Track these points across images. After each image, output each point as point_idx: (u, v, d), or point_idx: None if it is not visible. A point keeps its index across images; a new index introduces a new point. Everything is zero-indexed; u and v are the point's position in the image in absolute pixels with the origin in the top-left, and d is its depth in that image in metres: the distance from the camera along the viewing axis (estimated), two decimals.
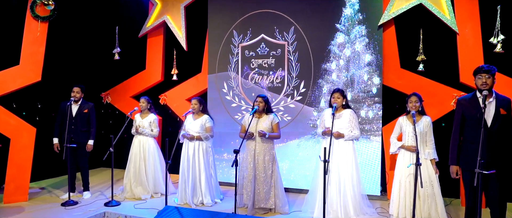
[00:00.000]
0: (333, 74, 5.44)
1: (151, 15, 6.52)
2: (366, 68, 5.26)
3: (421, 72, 5.14)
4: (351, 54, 5.34)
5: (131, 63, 6.91)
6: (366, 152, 5.26)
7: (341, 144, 4.35)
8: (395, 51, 5.31)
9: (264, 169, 4.55)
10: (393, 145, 4.29)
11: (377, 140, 5.22)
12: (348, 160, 4.35)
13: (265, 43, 5.80)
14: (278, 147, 5.70)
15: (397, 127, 4.29)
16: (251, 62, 5.89)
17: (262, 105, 4.60)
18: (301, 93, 5.61)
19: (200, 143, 5.00)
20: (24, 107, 6.10)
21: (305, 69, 5.58)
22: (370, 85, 5.25)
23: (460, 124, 3.52)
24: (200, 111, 5.11)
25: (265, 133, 4.43)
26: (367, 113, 5.27)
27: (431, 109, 5.03)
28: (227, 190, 5.70)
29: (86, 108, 5.30)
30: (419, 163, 3.57)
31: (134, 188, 5.35)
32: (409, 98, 4.16)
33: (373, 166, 5.21)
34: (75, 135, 5.20)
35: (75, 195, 5.41)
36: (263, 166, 4.54)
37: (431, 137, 4.08)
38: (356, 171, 4.38)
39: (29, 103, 6.23)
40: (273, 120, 4.60)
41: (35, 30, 5.33)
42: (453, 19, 4.93)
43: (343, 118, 4.38)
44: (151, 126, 5.46)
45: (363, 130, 5.27)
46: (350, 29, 5.33)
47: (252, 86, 5.88)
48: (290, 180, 5.62)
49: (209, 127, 5.05)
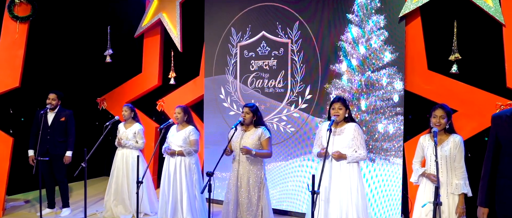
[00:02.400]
0: (343, 78, 4.50)
1: (147, 12, 5.94)
2: (385, 70, 4.28)
3: (454, 75, 4.08)
4: (366, 52, 4.37)
5: (127, 66, 6.39)
6: (385, 178, 4.28)
7: (343, 167, 3.43)
8: (422, 48, 4.27)
9: (247, 194, 3.75)
10: (414, 172, 3.31)
11: (398, 162, 4.22)
12: (352, 187, 3.41)
13: (266, 42, 4.98)
14: (278, 166, 4.88)
15: (418, 148, 3.31)
16: (251, 64, 5.10)
17: (249, 117, 3.80)
18: (307, 101, 4.72)
19: (182, 159, 4.31)
20: (0, 115, 5.67)
21: (312, 71, 4.69)
22: (390, 92, 4.26)
23: (494, 151, 2.49)
24: (185, 121, 4.41)
25: (250, 149, 3.62)
26: (386, 127, 4.28)
27: (468, 122, 3.97)
28: (219, 211, 4.95)
29: (63, 116, 4.79)
30: (438, 201, 2.61)
31: (114, 207, 4.78)
32: (433, 111, 3.16)
33: (393, 194, 4.22)
34: (51, 146, 4.72)
35: (53, 211, 4.93)
36: (247, 190, 3.75)
37: (461, 163, 3.06)
38: (361, 201, 3.44)
39: (6, 111, 5.77)
40: (262, 134, 3.78)
41: (13, 32, 4.91)
42: (497, 7, 3.83)
43: (345, 135, 3.45)
44: (136, 137, 4.85)
45: (381, 149, 4.29)
46: (364, 20, 4.37)
47: (251, 92, 5.09)
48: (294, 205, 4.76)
49: (193, 140, 4.34)
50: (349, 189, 3.41)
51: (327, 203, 3.43)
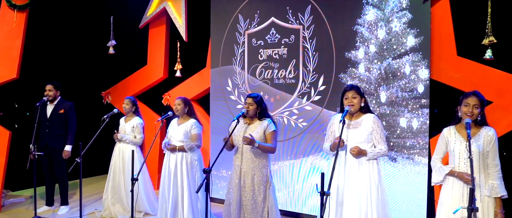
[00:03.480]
0: (360, 66, 4.05)
1: (152, 1, 5.64)
2: (407, 56, 3.82)
3: (488, 62, 3.59)
4: (386, 37, 3.92)
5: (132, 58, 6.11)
6: (407, 179, 3.81)
7: (362, 165, 2.99)
8: (450, 31, 3.78)
9: (252, 193, 3.36)
10: (436, 171, 2.81)
11: (423, 161, 3.74)
12: (372, 188, 2.97)
13: (275, 29, 4.58)
14: (288, 164, 4.48)
15: (441, 143, 2.82)
16: (259, 53, 4.70)
17: (253, 109, 3.42)
18: (320, 92, 4.30)
19: (183, 155, 3.97)
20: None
21: (325, 60, 4.26)
22: (414, 81, 3.79)
23: None
24: (186, 114, 4.07)
25: (253, 139, 3.23)
26: (409, 121, 3.82)
27: (505, 115, 3.50)
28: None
29: (62, 108, 4.53)
30: (473, 206, 2.16)
31: (111, 206, 4.49)
32: (465, 99, 2.68)
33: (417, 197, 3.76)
34: (50, 140, 4.47)
35: (51, 209, 4.70)
36: (251, 190, 3.36)
37: (495, 160, 2.59)
38: (382, 204, 3.00)
39: (3, 104, 5.56)
40: (267, 127, 3.39)
41: (10, 21, 4.70)
42: None
43: (362, 127, 3.02)
44: (134, 132, 4.55)
45: (403, 146, 3.83)
46: (384, 1, 3.91)
47: (259, 83, 4.70)
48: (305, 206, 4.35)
49: (196, 134, 3.99)
50: (368, 191, 2.97)
51: (340, 206, 3.01)
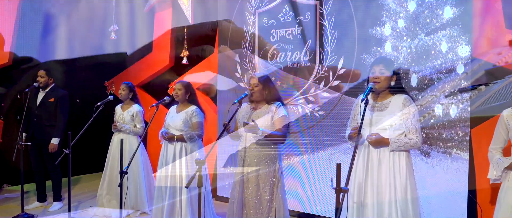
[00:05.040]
0: (386, 45, 3.47)
1: None
2: (444, 31, 3.21)
3: None
4: (417, 9, 3.32)
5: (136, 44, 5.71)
6: (444, 177, 3.20)
7: (385, 158, 2.43)
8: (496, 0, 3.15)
9: (256, 191, 2.85)
10: (494, 165, 2.23)
11: (464, 156, 3.13)
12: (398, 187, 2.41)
13: (289, 6, 4.05)
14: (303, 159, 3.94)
15: (499, 128, 2.24)
16: (271, 34, 4.19)
17: (259, 90, 2.91)
18: (340, 76, 3.74)
19: (183, 145, 3.51)
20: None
21: (346, 39, 3.70)
22: (452, 61, 3.19)
23: None
24: (187, 100, 3.59)
25: (256, 125, 2.71)
26: (446, 108, 3.21)
27: None
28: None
29: (53, 96, 4.15)
30: None
31: (107, 203, 4.07)
32: None
33: (455, 198, 3.15)
34: (37, 130, 4.11)
35: (43, 205, 4.34)
36: (256, 187, 2.85)
37: None
38: (412, 206, 2.42)
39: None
40: (276, 111, 2.87)
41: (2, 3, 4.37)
42: None
43: (390, 110, 2.45)
44: (134, 121, 4.12)
45: (439, 138, 3.22)
46: None
47: (271, 68, 4.18)
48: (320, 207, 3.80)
49: (197, 122, 3.51)
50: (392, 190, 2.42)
51: (362, 207, 2.46)
